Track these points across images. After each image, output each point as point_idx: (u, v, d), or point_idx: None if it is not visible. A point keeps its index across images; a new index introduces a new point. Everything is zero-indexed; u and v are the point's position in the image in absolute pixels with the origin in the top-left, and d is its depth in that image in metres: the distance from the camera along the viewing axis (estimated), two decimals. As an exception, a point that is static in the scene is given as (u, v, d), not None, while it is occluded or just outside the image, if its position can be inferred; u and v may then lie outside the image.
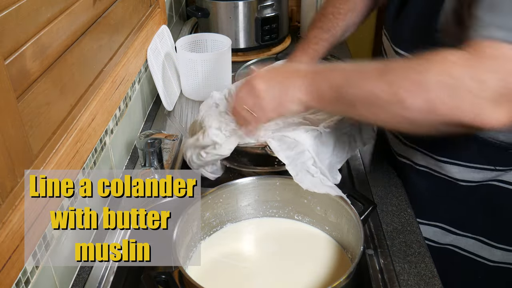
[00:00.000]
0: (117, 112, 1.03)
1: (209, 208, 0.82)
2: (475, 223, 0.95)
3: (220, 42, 1.38)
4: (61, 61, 0.75)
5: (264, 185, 0.85)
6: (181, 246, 0.75)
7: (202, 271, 0.78)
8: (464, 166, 0.90)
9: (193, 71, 1.30)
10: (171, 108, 1.29)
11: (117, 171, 1.03)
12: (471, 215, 0.94)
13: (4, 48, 0.59)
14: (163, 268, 1.01)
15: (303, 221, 0.87)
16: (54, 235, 0.74)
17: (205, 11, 1.57)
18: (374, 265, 0.82)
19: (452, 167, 0.91)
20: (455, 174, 0.91)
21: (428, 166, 0.95)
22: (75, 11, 0.80)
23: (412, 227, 0.89)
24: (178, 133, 1.20)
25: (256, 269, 0.79)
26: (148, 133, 0.95)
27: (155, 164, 0.98)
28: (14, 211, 0.60)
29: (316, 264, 0.78)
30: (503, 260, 0.95)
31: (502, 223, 0.92)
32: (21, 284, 0.64)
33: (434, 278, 0.79)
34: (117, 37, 1.03)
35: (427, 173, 0.95)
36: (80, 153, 0.79)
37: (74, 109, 0.80)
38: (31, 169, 0.65)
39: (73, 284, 0.81)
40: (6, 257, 0.58)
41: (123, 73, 1.01)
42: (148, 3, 1.29)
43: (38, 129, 0.68)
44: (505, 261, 0.95)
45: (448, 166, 0.91)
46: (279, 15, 1.58)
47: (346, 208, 0.77)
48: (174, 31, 1.64)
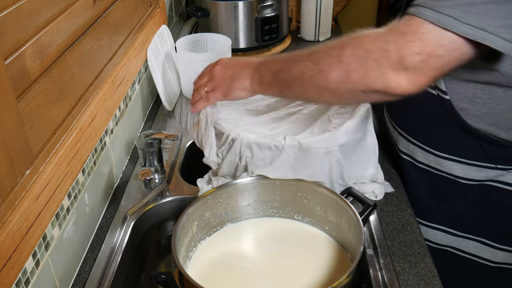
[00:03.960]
0: (117, 112, 1.03)
1: (209, 208, 0.82)
2: (476, 224, 0.94)
3: (220, 42, 1.38)
4: (61, 61, 0.75)
5: (264, 185, 0.85)
6: (181, 246, 0.75)
7: (202, 271, 0.78)
8: (465, 163, 0.90)
9: (193, 71, 1.30)
10: (171, 108, 1.29)
11: (117, 171, 1.03)
12: (472, 216, 0.94)
13: (4, 48, 0.59)
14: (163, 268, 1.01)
15: (303, 221, 0.87)
16: (54, 235, 0.74)
17: (205, 11, 1.57)
18: (374, 265, 0.82)
19: (453, 163, 0.91)
20: (456, 171, 0.91)
21: (428, 164, 0.95)
22: (75, 11, 0.80)
23: (412, 227, 0.89)
24: (178, 133, 1.20)
25: (256, 269, 0.79)
26: (148, 133, 0.95)
27: (155, 164, 0.98)
28: (14, 211, 0.60)
29: (316, 264, 0.78)
30: (506, 261, 0.94)
31: (503, 224, 0.92)
32: (21, 284, 0.64)
33: (434, 278, 0.79)
34: (117, 37, 1.03)
35: (428, 171, 0.95)
36: (80, 153, 0.79)
37: (74, 109, 0.80)
38: (31, 169, 0.65)
39: (73, 284, 0.81)
40: (6, 257, 0.58)
41: (123, 73, 1.01)
42: (148, 3, 1.29)
43: (38, 129, 0.68)
44: (507, 262, 0.94)
45: (449, 162, 0.91)
46: (279, 15, 1.58)
47: (346, 208, 0.77)
48: (174, 31, 1.64)
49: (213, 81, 0.88)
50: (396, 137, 1.01)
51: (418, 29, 0.65)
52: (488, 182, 0.90)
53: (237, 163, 0.88)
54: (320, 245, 0.82)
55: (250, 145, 0.86)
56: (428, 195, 0.97)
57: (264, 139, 0.86)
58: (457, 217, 0.95)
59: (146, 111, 1.29)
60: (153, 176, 0.97)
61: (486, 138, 0.85)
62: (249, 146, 0.86)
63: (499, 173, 0.88)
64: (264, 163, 0.86)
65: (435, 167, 0.94)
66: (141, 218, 0.94)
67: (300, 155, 0.85)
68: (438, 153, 0.92)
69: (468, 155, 0.89)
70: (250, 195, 0.86)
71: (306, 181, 0.84)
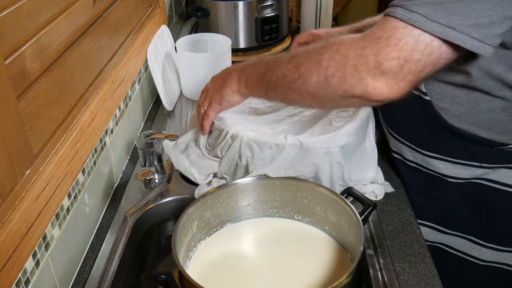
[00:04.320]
0: (117, 112, 1.03)
1: (209, 208, 0.82)
2: (464, 221, 0.95)
3: (220, 42, 1.38)
4: (61, 61, 0.75)
5: (264, 185, 0.85)
6: (181, 246, 0.75)
7: (202, 271, 0.78)
8: (450, 161, 0.91)
9: (193, 71, 1.30)
10: (171, 108, 1.29)
11: (117, 171, 1.03)
12: (459, 213, 0.95)
13: (4, 48, 0.59)
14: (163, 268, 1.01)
15: (303, 221, 0.87)
16: (54, 235, 0.74)
17: (205, 11, 1.57)
18: (374, 265, 0.82)
19: (439, 162, 0.92)
20: (442, 170, 0.92)
21: (416, 161, 0.96)
22: (75, 11, 0.80)
23: (412, 227, 0.89)
24: (178, 133, 1.20)
25: (256, 269, 0.79)
26: (148, 133, 0.95)
27: (155, 164, 0.98)
28: (14, 211, 0.60)
29: (316, 264, 0.78)
30: (494, 260, 0.95)
31: (491, 222, 0.93)
32: (21, 284, 0.64)
33: (434, 278, 0.79)
34: (117, 37, 1.03)
35: (416, 169, 0.96)
36: (80, 153, 0.79)
37: (74, 109, 0.80)
38: (31, 169, 0.65)
39: (73, 284, 0.81)
40: (6, 257, 0.58)
41: (123, 73, 1.01)
42: (148, 3, 1.29)
43: (38, 129, 0.68)
44: (495, 261, 0.95)
45: (435, 161, 0.92)
46: (279, 15, 1.58)
47: (346, 208, 0.77)
48: (174, 31, 1.64)
49: (207, 96, 0.91)
50: (387, 135, 1.03)
51: (394, 34, 0.65)
52: (474, 180, 0.90)
53: (237, 161, 0.89)
54: (320, 245, 0.82)
55: (250, 144, 0.86)
56: (417, 193, 0.98)
57: (264, 137, 0.86)
58: (445, 214, 0.96)
59: (146, 111, 1.29)
60: (153, 176, 0.97)
61: (467, 137, 0.86)
62: (249, 145, 0.86)
63: (485, 172, 0.89)
64: (264, 162, 0.86)
65: (423, 165, 0.95)
66: (141, 218, 0.94)
67: (301, 154, 0.85)
68: (425, 152, 0.93)
69: (452, 154, 0.90)
70: (250, 195, 0.86)
71: (306, 181, 0.84)
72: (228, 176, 0.92)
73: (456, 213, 0.95)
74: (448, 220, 0.97)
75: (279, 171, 0.85)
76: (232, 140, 0.88)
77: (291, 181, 0.84)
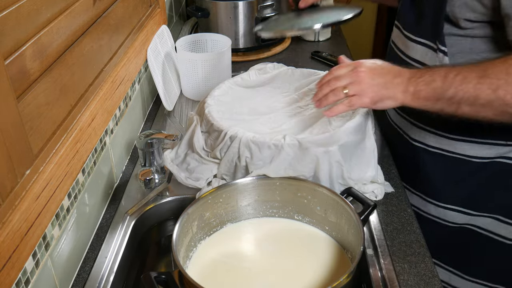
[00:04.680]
0: (117, 112, 1.03)
1: (209, 208, 0.82)
2: (490, 201, 0.97)
3: (220, 42, 1.38)
4: (61, 61, 0.75)
5: (264, 185, 0.85)
6: (181, 246, 0.75)
7: (202, 271, 0.78)
8: (476, 142, 0.93)
9: (193, 71, 1.30)
10: (171, 108, 1.29)
11: (117, 171, 1.03)
12: (485, 194, 0.97)
13: (4, 48, 0.59)
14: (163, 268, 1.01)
15: (303, 221, 0.87)
16: (54, 235, 0.74)
17: (205, 11, 1.57)
18: (374, 265, 0.82)
19: (465, 144, 0.94)
20: (467, 151, 0.95)
21: (441, 147, 0.98)
22: (75, 11, 0.80)
23: (412, 227, 0.89)
24: (178, 133, 1.20)
25: (256, 269, 0.79)
26: (148, 133, 0.95)
27: (155, 164, 0.98)
28: (14, 211, 0.60)
29: (316, 264, 0.78)
30: None
31: None
32: (21, 284, 0.64)
33: (434, 278, 0.79)
34: (117, 37, 1.03)
35: (440, 155, 0.98)
36: (80, 153, 0.79)
37: (74, 109, 0.80)
38: (31, 169, 0.65)
39: (73, 284, 0.81)
40: (6, 257, 0.58)
41: (123, 73, 1.01)
42: (148, 3, 1.29)
43: (38, 129, 0.68)
44: None
45: (461, 143, 0.95)
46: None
47: (346, 208, 0.77)
48: (174, 31, 1.64)
49: (358, 85, 0.85)
50: (406, 126, 1.04)
51: None
52: (498, 159, 0.93)
53: (236, 162, 0.89)
54: (320, 245, 0.82)
55: (248, 144, 0.86)
56: (442, 178, 1.00)
57: (262, 138, 0.86)
58: (470, 196, 0.99)
59: (146, 111, 1.29)
60: (153, 176, 0.97)
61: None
62: (248, 145, 0.86)
63: (509, 149, 0.92)
64: (263, 162, 0.86)
65: (447, 149, 0.97)
66: (141, 218, 0.94)
67: (300, 154, 0.85)
68: (450, 135, 0.96)
69: (478, 134, 0.92)
70: (250, 195, 0.86)
71: (306, 181, 0.84)
72: (228, 177, 0.92)
73: (481, 193, 0.97)
74: (474, 202, 0.99)
75: (279, 171, 0.85)
76: (231, 141, 0.88)
77: (291, 181, 0.84)
